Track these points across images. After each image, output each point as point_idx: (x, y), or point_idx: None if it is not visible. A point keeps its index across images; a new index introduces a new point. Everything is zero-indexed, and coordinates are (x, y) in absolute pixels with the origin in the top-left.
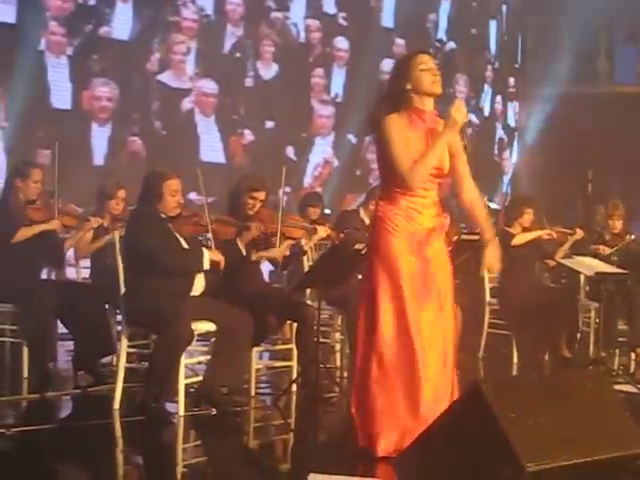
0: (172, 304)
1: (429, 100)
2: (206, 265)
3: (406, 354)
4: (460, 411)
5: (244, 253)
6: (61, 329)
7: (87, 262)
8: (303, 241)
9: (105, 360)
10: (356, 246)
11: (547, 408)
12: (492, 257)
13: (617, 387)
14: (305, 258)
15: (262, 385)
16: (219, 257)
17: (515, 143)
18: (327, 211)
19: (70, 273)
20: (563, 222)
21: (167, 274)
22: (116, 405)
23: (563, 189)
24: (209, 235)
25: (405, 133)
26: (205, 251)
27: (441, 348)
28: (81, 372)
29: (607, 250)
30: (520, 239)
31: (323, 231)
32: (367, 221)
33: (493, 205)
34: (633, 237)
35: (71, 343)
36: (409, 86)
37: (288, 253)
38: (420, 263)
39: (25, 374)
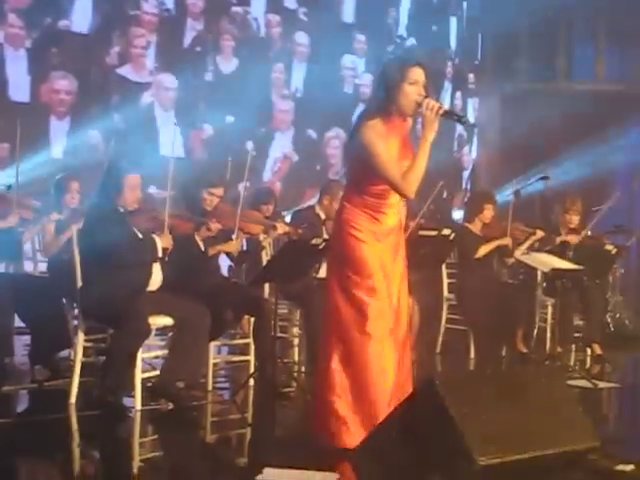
0: (129, 298)
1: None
2: (159, 252)
3: (366, 348)
4: (414, 406)
5: (202, 248)
6: (18, 323)
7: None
8: (262, 237)
9: (62, 354)
10: (313, 241)
11: (500, 403)
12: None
13: (573, 382)
14: (264, 253)
15: (220, 379)
16: (169, 242)
17: (474, 139)
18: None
19: (27, 267)
20: (523, 218)
21: (123, 266)
22: (72, 399)
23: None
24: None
25: (385, 142)
26: (156, 238)
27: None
28: (38, 366)
29: (575, 239)
30: (482, 251)
31: (282, 227)
32: (323, 216)
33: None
34: (590, 233)
35: (28, 337)
36: (393, 95)
37: (245, 248)
38: (387, 257)
39: None
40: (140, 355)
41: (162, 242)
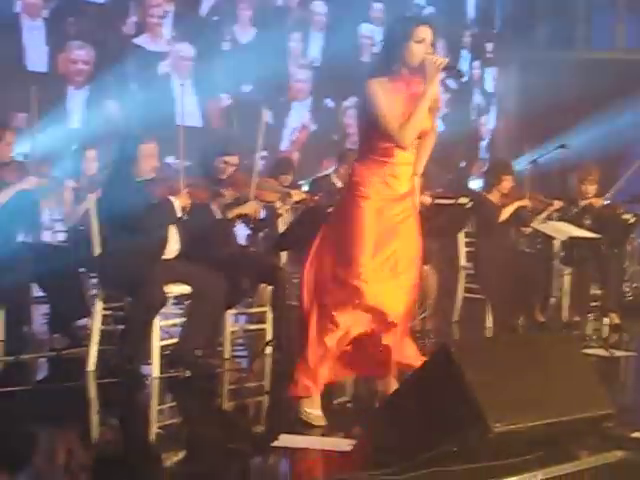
0: (145, 266)
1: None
2: (179, 213)
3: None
4: (429, 372)
5: (218, 216)
6: (36, 292)
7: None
8: (278, 204)
9: (80, 322)
10: (329, 209)
11: (515, 370)
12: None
13: (590, 351)
14: (280, 222)
15: (237, 348)
16: (186, 200)
17: (493, 109)
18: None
19: (46, 236)
20: (541, 188)
21: (140, 232)
22: (91, 367)
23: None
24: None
25: (389, 96)
26: (174, 199)
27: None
28: (56, 334)
29: (599, 201)
30: (504, 215)
31: (297, 195)
32: (339, 184)
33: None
34: (608, 202)
35: (46, 306)
36: (400, 53)
37: (263, 216)
38: (384, 223)
39: (1, 337)
40: (157, 323)
41: (180, 201)
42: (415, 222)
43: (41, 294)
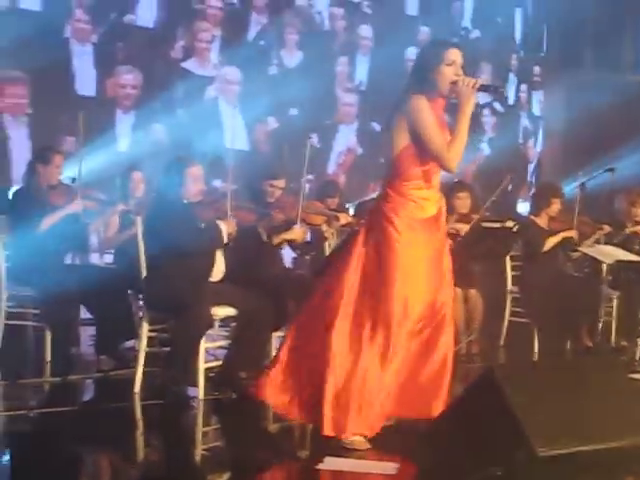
0: (192, 288)
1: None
2: (225, 239)
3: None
4: (474, 396)
5: (264, 239)
6: (84, 313)
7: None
8: (324, 227)
9: (127, 344)
10: None
11: (561, 395)
12: None
13: (637, 376)
14: (327, 245)
15: None
16: (233, 226)
17: (540, 132)
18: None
19: (94, 258)
20: (589, 212)
21: (187, 255)
22: (137, 389)
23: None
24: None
25: (432, 115)
26: (221, 224)
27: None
28: (103, 356)
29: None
30: (549, 244)
31: (344, 218)
32: None
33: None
34: None
35: (93, 328)
36: (432, 75)
37: (309, 239)
38: (429, 251)
39: (48, 358)
40: (203, 345)
41: (227, 227)
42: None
43: (88, 316)
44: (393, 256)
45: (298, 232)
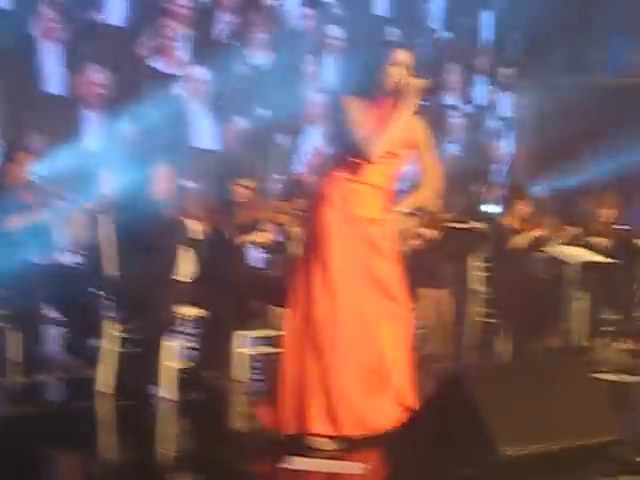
0: (155, 287)
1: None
2: (190, 234)
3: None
4: (441, 397)
5: (227, 238)
6: (52, 313)
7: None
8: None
9: (96, 344)
10: None
11: (525, 395)
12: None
13: (602, 376)
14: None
15: (252, 371)
16: (198, 225)
17: (509, 133)
18: None
19: (61, 257)
20: (558, 213)
21: (151, 250)
22: (102, 388)
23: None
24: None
25: (359, 112)
26: (185, 220)
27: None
28: (70, 355)
29: (604, 242)
30: (516, 242)
31: None
32: None
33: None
34: (622, 227)
35: (60, 327)
36: (376, 74)
37: (281, 239)
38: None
39: (15, 358)
40: (170, 345)
41: (192, 225)
42: (394, 255)
43: (55, 315)
44: (321, 240)
45: (264, 236)
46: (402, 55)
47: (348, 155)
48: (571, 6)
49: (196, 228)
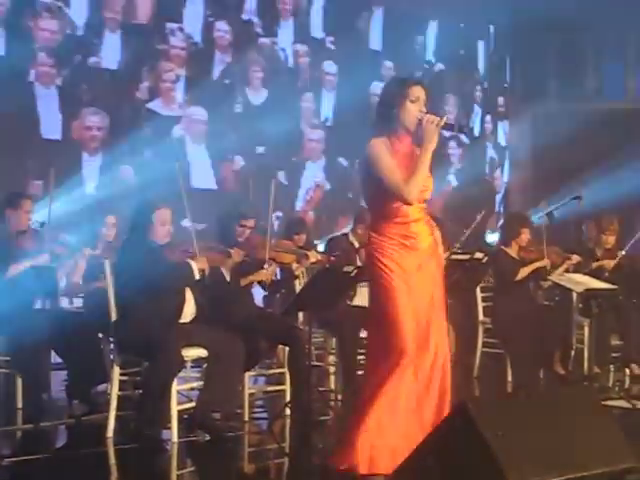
0: (162, 330)
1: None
2: (196, 275)
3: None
4: (448, 429)
5: (227, 279)
6: (55, 359)
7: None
8: (294, 266)
9: (99, 388)
10: (345, 268)
11: (535, 426)
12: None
13: (612, 403)
14: (297, 282)
15: (257, 410)
16: (204, 264)
17: (506, 162)
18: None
19: (64, 303)
20: (558, 240)
21: (157, 296)
22: (110, 433)
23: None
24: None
25: (390, 155)
26: (191, 262)
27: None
28: (75, 401)
29: (611, 263)
30: (522, 274)
31: (313, 256)
32: (356, 244)
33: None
34: (624, 252)
35: (65, 372)
36: (396, 112)
37: (279, 277)
38: (419, 283)
39: (19, 404)
40: (175, 387)
41: (198, 264)
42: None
43: (59, 361)
44: (388, 298)
45: (266, 273)
46: (418, 91)
47: (383, 199)
48: (565, 34)
49: (201, 266)
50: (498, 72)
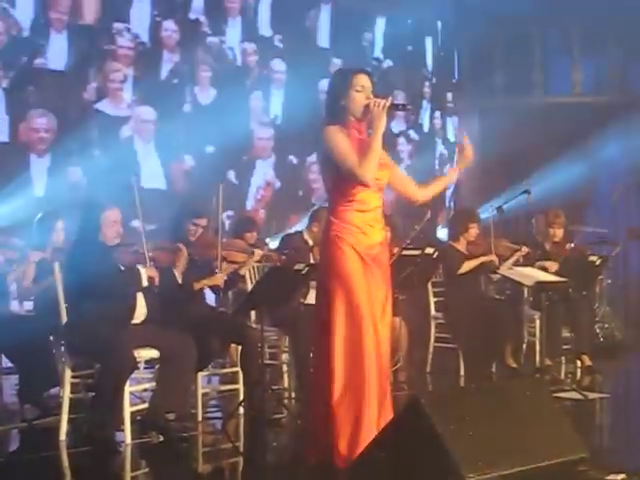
0: (113, 332)
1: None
2: (144, 282)
3: (358, 371)
4: (401, 424)
5: (179, 281)
6: (5, 363)
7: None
8: (241, 271)
9: (51, 392)
10: (296, 267)
11: (487, 418)
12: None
13: (564, 395)
14: (249, 281)
15: (211, 409)
16: (154, 272)
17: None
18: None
19: (13, 306)
20: (507, 234)
21: (107, 299)
22: (63, 436)
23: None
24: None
25: (345, 140)
26: (141, 269)
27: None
28: (27, 405)
29: (554, 266)
30: (466, 267)
31: (258, 253)
32: (311, 242)
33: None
34: (573, 245)
35: (16, 376)
36: (343, 103)
37: (227, 277)
38: (371, 278)
39: None
40: (128, 388)
41: (148, 272)
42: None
43: (10, 365)
44: (343, 277)
45: (219, 278)
46: (363, 79)
47: (343, 184)
48: (511, 28)
49: (151, 274)
50: (446, 68)
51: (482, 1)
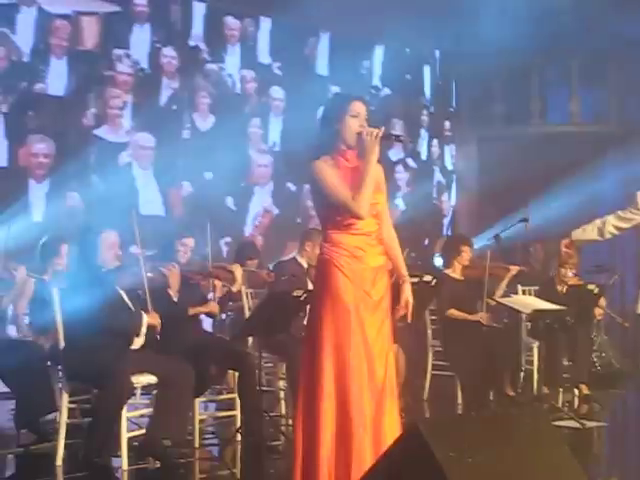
0: (111, 358)
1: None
2: (143, 329)
3: (344, 391)
4: (399, 451)
5: (175, 300)
6: (2, 387)
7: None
8: (233, 288)
9: (48, 417)
10: (294, 293)
11: (486, 446)
12: (408, 296)
13: (562, 423)
14: (246, 307)
15: (208, 436)
16: (156, 320)
17: (453, 186)
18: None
19: (10, 330)
20: (504, 262)
21: (106, 332)
22: (59, 462)
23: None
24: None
25: (334, 172)
26: (144, 315)
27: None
28: (23, 430)
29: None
30: (452, 314)
31: (238, 271)
32: (305, 265)
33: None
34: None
35: (12, 402)
36: (337, 127)
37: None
38: (366, 303)
39: None
40: (125, 414)
41: (150, 320)
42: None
43: (6, 390)
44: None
45: (213, 306)
46: (359, 107)
47: (337, 215)
48: (510, 58)
49: (153, 322)
50: (444, 96)
51: (480, 32)
